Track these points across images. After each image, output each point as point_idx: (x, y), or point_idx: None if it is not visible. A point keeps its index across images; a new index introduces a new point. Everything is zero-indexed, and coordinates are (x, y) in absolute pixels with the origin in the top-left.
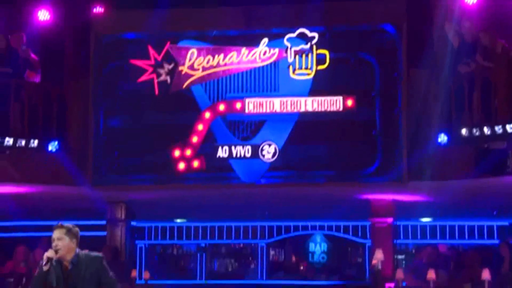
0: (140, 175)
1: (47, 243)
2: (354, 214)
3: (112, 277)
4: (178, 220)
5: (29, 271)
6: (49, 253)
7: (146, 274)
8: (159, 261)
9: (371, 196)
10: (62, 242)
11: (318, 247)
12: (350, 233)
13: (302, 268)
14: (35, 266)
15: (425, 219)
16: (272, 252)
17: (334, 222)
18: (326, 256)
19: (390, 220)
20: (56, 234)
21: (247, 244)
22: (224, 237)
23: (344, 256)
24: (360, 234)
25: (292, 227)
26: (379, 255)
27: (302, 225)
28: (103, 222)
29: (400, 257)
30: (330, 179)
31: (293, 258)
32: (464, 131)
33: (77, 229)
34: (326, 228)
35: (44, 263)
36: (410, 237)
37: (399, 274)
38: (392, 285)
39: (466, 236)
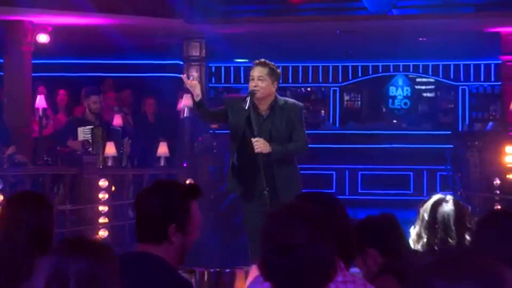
0: (246, 6)
1: (113, 86)
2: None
3: (303, 136)
4: (238, 61)
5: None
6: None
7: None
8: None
9: (506, 29)
10: (262, 83)
11: (399, 91)
12: (440, 75)
13: (379, 115)
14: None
15: None
16: (346, 97)
17: (421, 61)
18: (409, 102)
19: None
20: (257, 71)
21: (317, 87)
22: (290, 79)
23: (432, 101)
24: (452, 76)
25: (370, 68)
26: None
27: (382, 65)
28: (179, 62)
29: None
30: (481, 8)
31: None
32: None
33: (280, 71)
34: (411, 69)
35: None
36: None
37: None
38: None
39: None
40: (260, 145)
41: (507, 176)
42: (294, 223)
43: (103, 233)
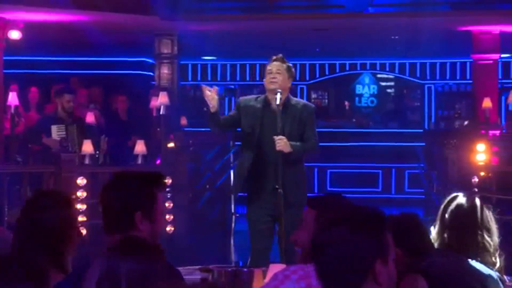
0: (222, 3)
1: (79, 83)
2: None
3: (315, 135)
4: (206, 58)
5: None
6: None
7: (183, 120)
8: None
9: (478, 28)
10: (280, 76)
11: (366, 89)
12: (407, 73)
13: (347, 113)
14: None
15: None
16: (313, 95)
17: (388, 60)
18: (375, 100)
19: (496, 56)
20: (275, 66)
21: None
22: (257, 77)
23: (398, 99)
24: (418, 74)
25: (337, 66)
26: None
27: (349, 63)
28: (148, 60)
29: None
30: (458, 6)
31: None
32: None
33: (294, 71)
34: (378, 67)
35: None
36: None
37: None
38: (497, 132)
39: None
40: (282, 143)
41: (480, 173)
42: (334, 222)
43: (81, 232)
